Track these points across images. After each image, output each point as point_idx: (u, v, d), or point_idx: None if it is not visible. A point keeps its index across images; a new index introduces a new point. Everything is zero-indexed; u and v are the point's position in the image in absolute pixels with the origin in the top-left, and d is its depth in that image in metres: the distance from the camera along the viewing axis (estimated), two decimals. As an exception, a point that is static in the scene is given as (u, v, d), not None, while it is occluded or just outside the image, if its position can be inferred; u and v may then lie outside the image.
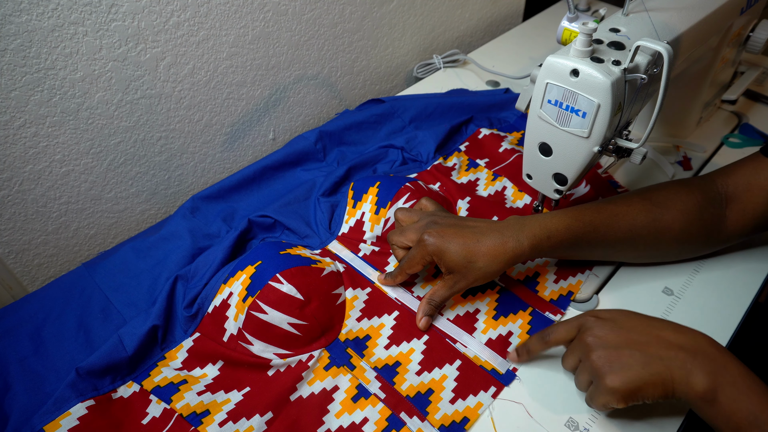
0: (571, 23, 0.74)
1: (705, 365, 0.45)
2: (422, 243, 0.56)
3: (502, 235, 0.56)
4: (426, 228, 0.57)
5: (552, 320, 0.60)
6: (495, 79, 0.97)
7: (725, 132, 0.85)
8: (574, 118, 0.53)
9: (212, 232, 0.68)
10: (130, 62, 0.63)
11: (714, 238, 0.62)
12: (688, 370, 0.44)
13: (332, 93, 0.90)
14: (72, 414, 0.50)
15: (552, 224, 0.57)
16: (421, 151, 0.79)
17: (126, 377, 0.54)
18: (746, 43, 0.80)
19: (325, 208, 0.71)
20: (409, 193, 0.66)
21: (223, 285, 0.58)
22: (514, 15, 1.17)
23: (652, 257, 0.64)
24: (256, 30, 0.73)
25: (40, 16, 0.55)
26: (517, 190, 0.74)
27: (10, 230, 0.64)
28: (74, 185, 0.66)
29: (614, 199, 0.61)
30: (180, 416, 0.52)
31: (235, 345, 0.56)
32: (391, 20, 0.91)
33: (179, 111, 0.71)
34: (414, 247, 0.58)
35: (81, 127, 0.63)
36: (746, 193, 0.60)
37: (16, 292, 0.67)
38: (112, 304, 0.61)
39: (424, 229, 0.57)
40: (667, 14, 0.58)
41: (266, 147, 0.85)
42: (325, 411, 0.53)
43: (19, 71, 0.56)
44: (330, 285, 0.59)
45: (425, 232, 0.56)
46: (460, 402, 0.53)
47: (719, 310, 0.61)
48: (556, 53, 0.53)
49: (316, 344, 0.57)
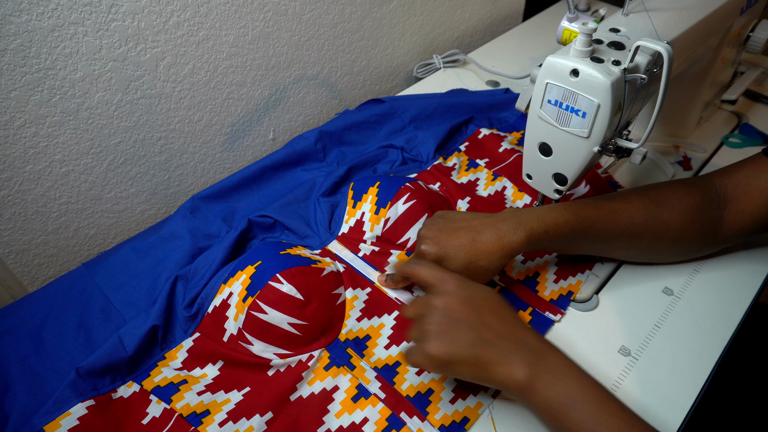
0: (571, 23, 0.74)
1: (525, 356, 0.46)
2: (421, 254, 0.56)
3: (498, 230, 0.55)
4: (422, 239, 0.57)
5: (552, 320, 0.60)
6: (495, 79, 0.97)
7: (725, 132, 0.85)
8: (574, 118, 0.53)
9: (212, 232, 0.68)
10: (130, 62, 0.63)
11: (711, 240, 0.62)
12: (510, 360, 0.45)
13: (332, 93, 0.90)
14: (72, 414, 0.50)
15: (550, 219, 0.56)
16: (421, 151, 0.79)
17: (126, 377, 0.54)
18: (746, 43, 0.80)
19: (325, 208, 0.71)
20: (409, 193, 0.66)
21: (223, 285, 0.58)
22: (514, 15, 1.17)
23: (649, 256, 0.64)
24: (256, 30, 0.73)
25: (40, 16, 0.55)
26: (517, 190, 0.74)
27: (10, 230, 0.64)
28: (74, 185, 0.66)
29: (613, 196, 0.61)
30: (180, 416, 0.52)
31: (235, 345, 0.56)
32: (391, 20, 0.91)
33: (179, 111, 0.71)
34: (413, 258, 0.58)
35: (81, 127, 0.63)
36: (745, 195, 0.60)
37: (16, 292, 0.67)
38: (112, 304, 0.61)
39: (420, 240, 0.57)
40: (667, 14, 0.58)
41: (266, 147, 0.85)
42: (325, 411, 0.53)
43: (19, 71, 0.56)
44: (330, 285, 0.59)
45: (422, 242, 0.56)
46: (460, 402, 0.53)
47: (719, 310, 0.61)
48: (556, 53, 0.53)
49: (316, 344, 0.57)
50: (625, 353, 0.58)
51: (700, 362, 0.57)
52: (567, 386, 0.44)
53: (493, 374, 0.46)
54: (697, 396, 0.54)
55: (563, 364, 0.46)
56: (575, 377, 0.45)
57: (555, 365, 0.45)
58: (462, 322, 0.47)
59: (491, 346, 0.46)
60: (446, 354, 0.46)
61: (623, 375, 0.56)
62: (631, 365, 0.57)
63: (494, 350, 0.46)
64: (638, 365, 0.57)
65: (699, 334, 0.59)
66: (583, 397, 0.43)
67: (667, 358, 0.57)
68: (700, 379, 0.55)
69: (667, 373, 0.56)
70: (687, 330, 0.60)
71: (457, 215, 0.59)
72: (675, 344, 0.58)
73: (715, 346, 0.58)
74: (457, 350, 0.46)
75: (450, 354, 0.46)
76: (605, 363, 0.57)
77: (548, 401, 0.44)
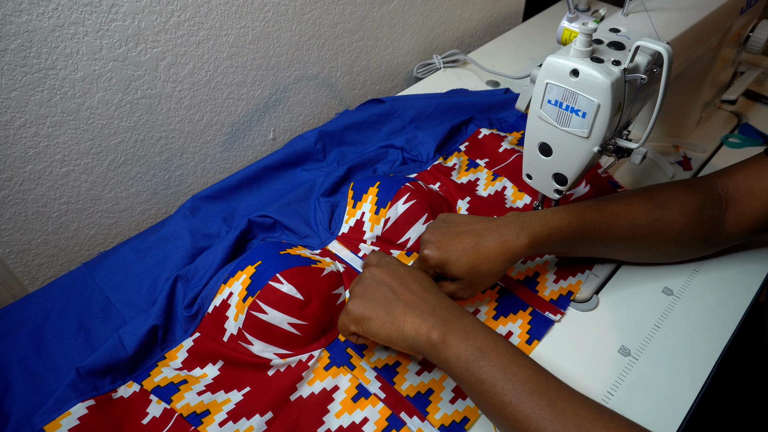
0: (571, 23, 0.74)
1: (441, 314, 0.48)
2: (424, 258, 0.56)
3: (501, 235, 0.55)
4: (424, 243, 0.57)
5: (552, 320, 0.60)
6: (495, 79, 0.97)
7: (725, 132, 0.85)
8: (574, 118, 0.53)
9: (212, 232, 0.69)
10: (130, 62, 0.63)
11: (713, 240, 0.62)
12: (425, 319, 0.47)
13: (332, 93, 0.90)
14: (72, 414, 0.50)
15: (553, 222, 0.56)
16: (421, 151, 0.80)
17: (126, 377, 0.54)
18: (746, 43, 0.80)
19: (325, 208, 0.71)
20: (409, 193, 0.66)
21: (223, 285, 0.58)
22: (514, 15, 1.17)
23: (651, 257, 0.64)
24: (256, 30, 0.73)
25: (40, 16, 0.55)
26: (517, 190, 0.74)
27: (11, 230, 0.64)
28: (74, 185, 0.66)
29: (615, 198, 0.61)
30: (180, 416, 0.52)
31: (235, 345, 0.56)
32: (391, 20, 0.91)
33: (179, 111, 0.71)
34: (415, 263, 0.58)
35: (81, 127, 0.63)
36: (746, 196, 0.60)
37: (16, 292, 0.67)
38: (113, 304, 0.61)
39: (423, 244, 0.57)
40: (667, 14, 0.58)
41: (266, 147, 0.85)
42: (325, 411, 0.53)
43: (20, 71, 0.56)
44: (330, 285, 0.59)
45: (425, 246, 0.56)
46: (460, 402, 0.53)
47: (719, 310, 0.61)
48: (556, 53, 0.53)
49: (316, 344, 0.57)
50: (625, 353, 0.58)
51: (700, 362, 0.57)
52: (478, 340, 0.45)
53: (406, 331, 0.48)
54: (697, 396, 0.54)
55: (476, 323, 0.47)
56: (487, 333, 0.46)
57: (468, 323, 0.47)
58: (383, 284, 0.51)
59: (407, 306, 0.49)
60: (363, 309, 0.50)
61: (623, 375, 0.56)
62: (631, 365, 0.57)
63: (410, 309, 0.48)
64: (638, 365, 0.57)
65: (699, 334, 0.59)
66: (494, 349, 0.45)
67: (666, 358, 0.57)
68: (699, 379, 0.56)
69: (666, 373, 0.56)
70: (687, 330, 0.60)
71: (460, 219, 0.59)
72: (675, 344, 0.58)
73: (714, 346, 0.58)
74: (372, 306, 0.50)
75: (366, 309, 0.50)
76: (605, 363, 0.57)
77: (459, 353, 0.45)
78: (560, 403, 0.41)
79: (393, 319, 0.48)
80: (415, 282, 0.51)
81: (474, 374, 0.44)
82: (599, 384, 0.55)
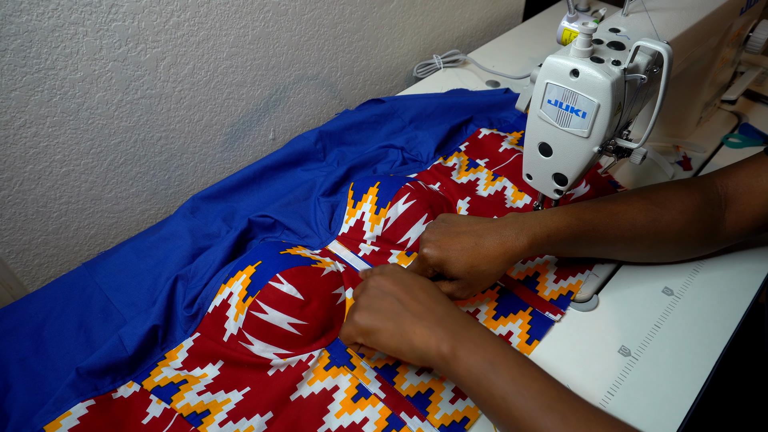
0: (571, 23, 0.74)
1: (449, 326, 0.47)
2: (423, 257, 0.56)
3: (500, 235, 0.55)
4: (424, 242, 0.57)
5: (552, 320, 0.60)
6: (495, 79, 0.97)
7: (725, 132, 0.85)
8: (574, 118, 0.53)
9: (212, 232, 0.69)
10: (130, 62, 0.63)
11: (712, 240, 0.62)
12: (434, 331, 0.47)
13: (332, 93, 0.90)
14: (72, 414, 0.50)
15: (552, 223, 0.56)
16: (421, 151, 0.80)
17: (126, 377, 0.54)
18: (746, 43, 0.80)
19: (325, 208, 0.71)
20: (409, 193, 0.66)
21: (223, 285, 0.58)
22: (514, 15, 1.17)
23: (651, 257, 0.64)
24: (256, 30, 0.73)
25: (40, 16, 0.55)
26: (517, 190, 0.74)
27: (11, 230, 0.64)
28: (74, 185, 0.66)
29: (614, 198, 0.61)
30: (180, 416, 0.52)
31: (235, 345, 0.56)
32: (391, 20, 0.91)
33: (179, 111, 0.71)
34: (414, 262, 0.58)
35: (81, 127, 0.63)
36: (746, 195, 0.60)
37: (16, 292, 0.67)
38: (113, 304, 0.61)
39: (422, 243, 0.57)
40: (667, 14, 0.58)
41: (266, 147, 0.85)
42: (325, 411, 0.53)
43: (20, 71, 0.56)
44: (330, 285, 0.59)
45: (424, 245, 0.56)
46: (460, 402, 0.53)
47: (719, 310, 0.61)
48: (556, 53, 0.53)
49: (317, 344, 0.57)
50: (625, 353, 0.58)
51: (700, 362, 0.57)
52: (488, 352, 0.45)
53: (415, 343, 0.47)
54: (697, 396, 0.54)
55: (485, 334, 0.47)
56: (497, 345, 0.46)
57: (477, 334, 0.46)
58: (390, 295, 0.50)
59: (416, 317, 0.48)
60: (370, 321, 0.49)
61: (623, 375, 0.56)
62: (631, 365, 0.57)
63: (418, 321, 0.47)
64: (638, 365, 0.57)
65: (699, 334, 0.59)
66: (504, 362, 0.44)
67: (666, 358, 0.57)
68: (699, 379, 0.56)
69: (666, 373, 0.56)
70: (687, 330, 0.60)
71: (460, 219, 0.59)
72: (675, 344, 0.58)
73: (714, 346, 0.58)
74: (380, 318, 0.48)
75: (373, 321, 0.49)
76: (605, 363, 0.57)
77: (470, 367, 0.45)
78: (572, 418, 0.41)
79: (402, 330, 0.47)
80: (421, 290, 0.50)
81: (485, 389, 0.44)
82: (599, 384, 0.55)
